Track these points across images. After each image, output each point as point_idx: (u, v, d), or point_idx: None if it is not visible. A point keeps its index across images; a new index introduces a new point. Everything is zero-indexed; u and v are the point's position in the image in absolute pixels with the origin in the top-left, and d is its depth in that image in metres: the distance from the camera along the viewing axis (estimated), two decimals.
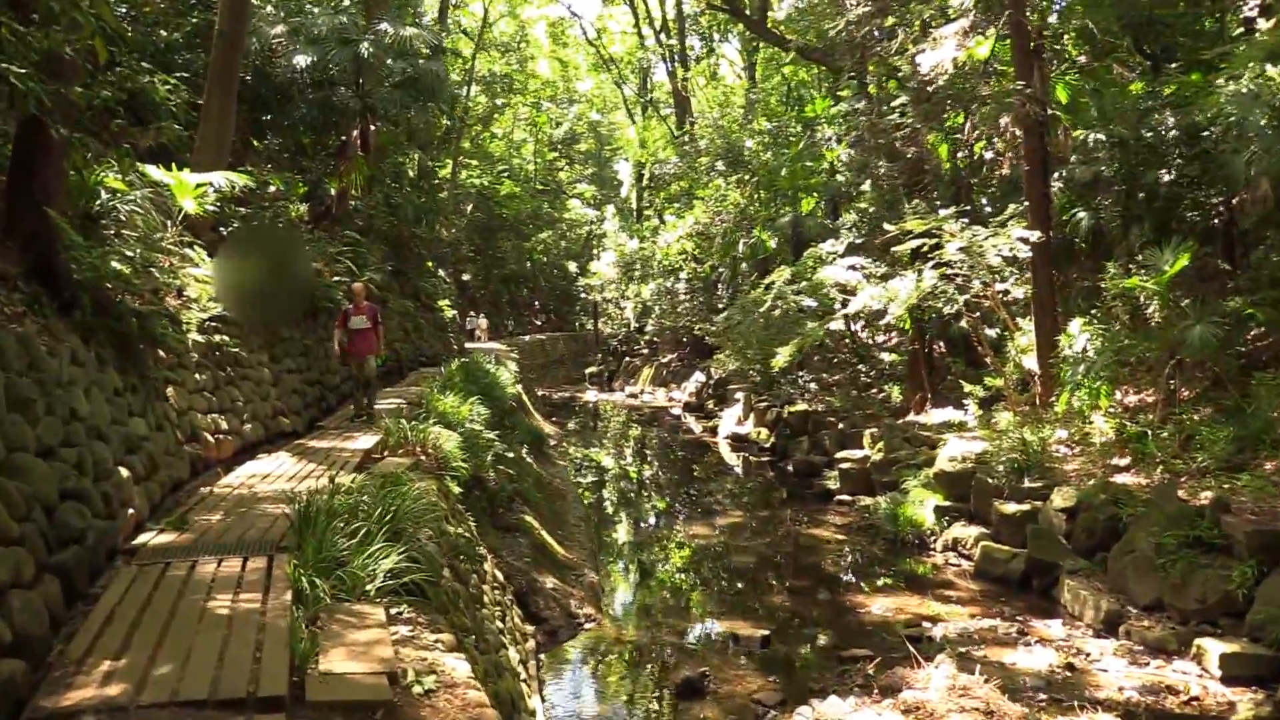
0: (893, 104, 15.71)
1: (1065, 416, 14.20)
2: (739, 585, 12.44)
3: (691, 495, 18.79)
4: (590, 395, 38.97)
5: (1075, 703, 8.17)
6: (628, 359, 48.48)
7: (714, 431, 26.02)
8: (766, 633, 10.04)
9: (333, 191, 15.54)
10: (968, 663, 8.96)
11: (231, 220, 11.16)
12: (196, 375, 8.44)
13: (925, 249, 14.93)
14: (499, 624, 7.79)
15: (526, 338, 50.04)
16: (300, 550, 5.08)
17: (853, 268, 15.37)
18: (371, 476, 7.34)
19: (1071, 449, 13.92)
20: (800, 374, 23.39)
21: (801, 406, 22.04)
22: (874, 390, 21.85)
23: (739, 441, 24.06)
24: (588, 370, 50.12)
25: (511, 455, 12.96)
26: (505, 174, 50.84)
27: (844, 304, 15.65)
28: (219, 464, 8.47)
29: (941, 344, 20.77)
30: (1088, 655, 9.40)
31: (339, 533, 5.16)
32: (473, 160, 47.53)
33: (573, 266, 63.61)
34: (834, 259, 15.78)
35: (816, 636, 10.33)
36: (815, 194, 26.52)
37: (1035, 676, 8.88)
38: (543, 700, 8.03)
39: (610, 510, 17.08)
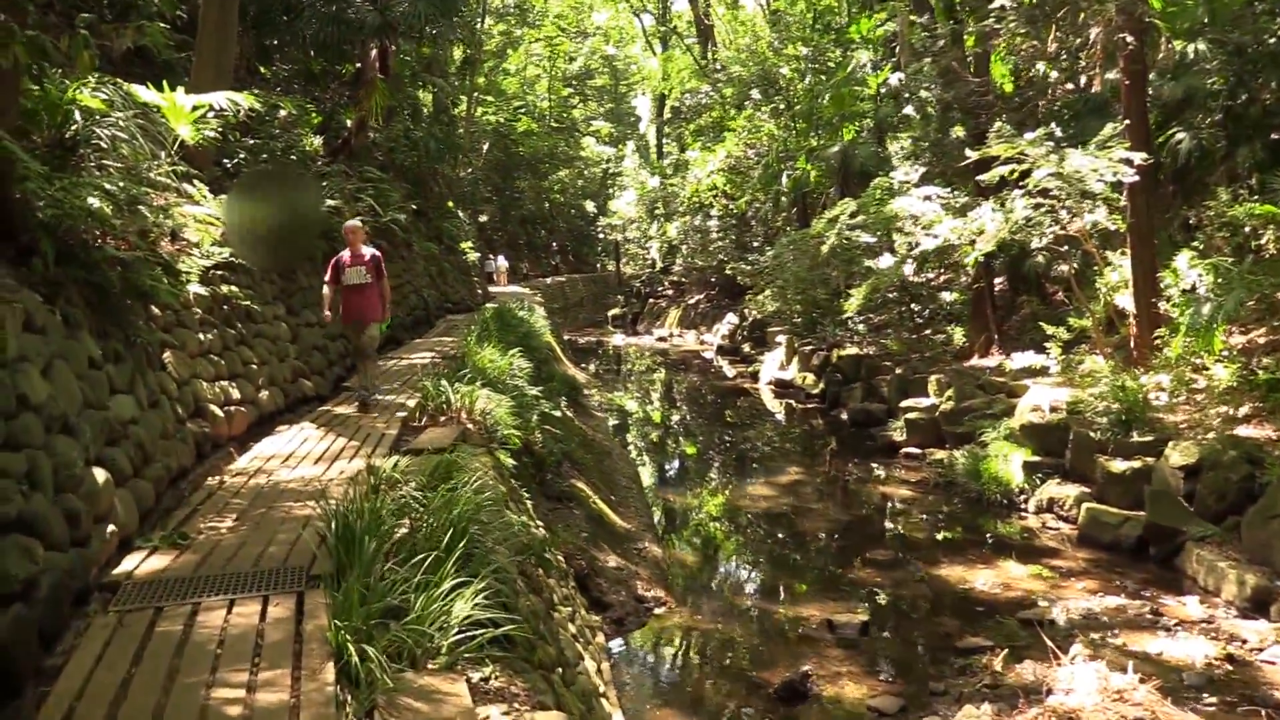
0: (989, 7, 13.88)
1: (1168, 361, 12.73)
2: (815, 556, 11.15)
3: (741, 448, 17.48)
4: (617, 339, 37.62)
5: (1256, 708, 6.86)
6: (652, 301, 47.02)
7: (754, 377, 24.63)
8: (864, 619, 8.74)
9: (349, 123, 14.03)
10: (1109, 653, 7.70)
11: (237, 152, 9.71)
12: (200, 335, 7.09)
13: (1014, 175, 13.36)
14: (571, 627, 6.49)
15: (547, 280, 48.65)
16: (339, 584, 3.72)
17: (929, 198, 13.80)
18: (417, 458, 5.99)
19: (1176, 397, 12.48)
20: (850, 315, 21.87)
21: (852, 350, 20.62)
22: (931, 332, 20.36)
23: (783, 388, 22.69)
24: (610, 313, 48.69)
25: (558, 414, 11.61)
26: (522, 110, 48.92)
27: (911, 239, 14.10)
28: (231, 442, 7.16)
29: (1003, 281, 19.25)
30: (1245, 643, 8.07)
31: (389, 555, 3.80)
32: (488, 97, 45.63)
33: (590, 206, 61.90)
34: (907, 188, 14.22)
35: (920, 621, 9.05)
36: (859, 121, 24.80)
37: (1193, 672, 7.56)
38: (624, 715, 6.75)
39: (659, 468, 15.79)
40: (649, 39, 53.26)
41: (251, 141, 10.33)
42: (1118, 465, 11.27)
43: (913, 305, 21.93)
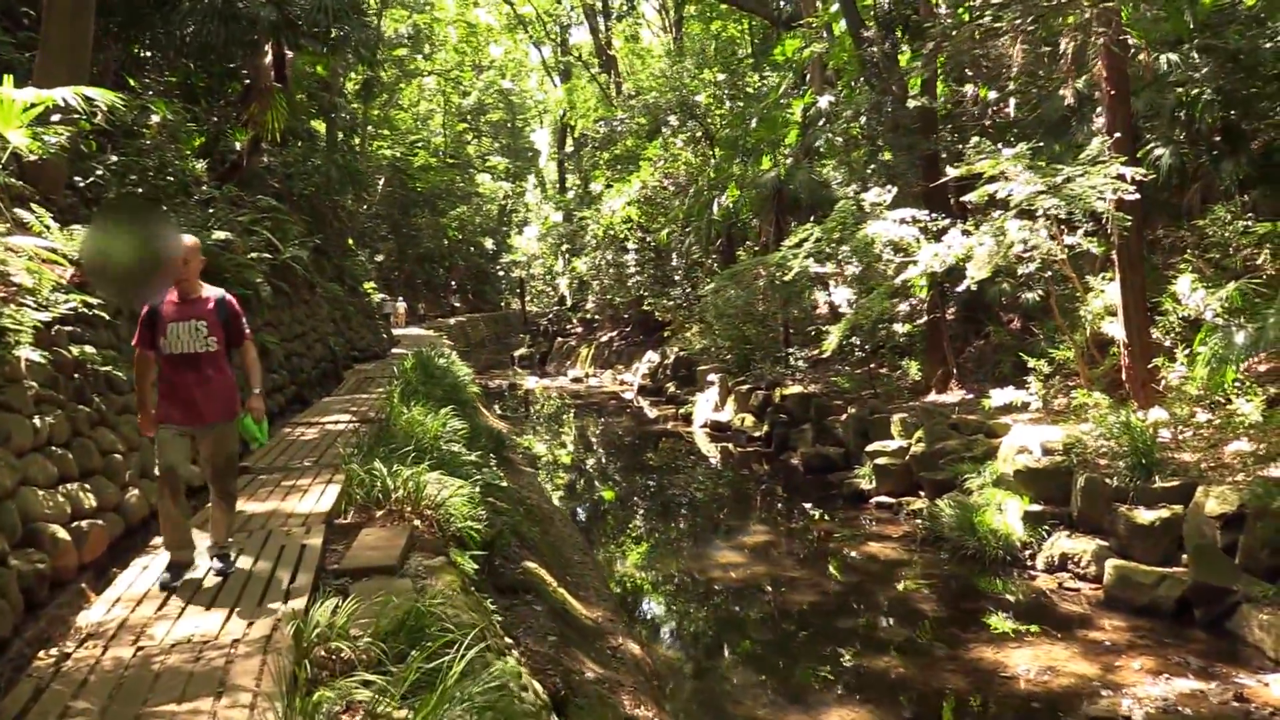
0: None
1: (1182, 395, 11.60)
2: (818, 642, 9.49)
3: (690, 502, 15.82)
4: (529, 381, 35.63)
5: None
6: (560, 339, 45.34)
7: (686, 419, 23.05)
8: None
9: (239, 145, 11.97)
10: None
11: (94, 169, 7.65)
12: (35, 421, 5.05)
13: (983, 197, 12.15)
14: None
15: (450, 320, 46.63)
16: None
17: (905, 221, 12.46)
18: (359, 586, 4.11)
19: (1183, 435, 11.34)
20: (791, 350, 20.55)
21: (795, 389, 19.21)
22: (877, 366, 19.12)
23: (719, 430, 21.17)
24: (516, 353, 46.83)
25: (504, 485, 9.74)
26: (419, 145, 46.80)
27: (887, 267, 12.73)
28: (84, 574, 5.07)
29: (953, 311, 18.16)
30: None
31: None
32: (383, 130, 43.46)
33: (489, 243, 60.07)
34: (880, 211, 12.87)
35: None
36: (781, 147, 23.64)
37: None
38: None
39: (607, 533, 13.95)
40: (549, 70, 51.82)
41: (114, 158, 8.27)
42: (1143, 515, 9.96)
43: (853, 339, 20.70)
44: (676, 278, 28.65)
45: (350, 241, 20.81)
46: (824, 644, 9.39)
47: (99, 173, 7.73)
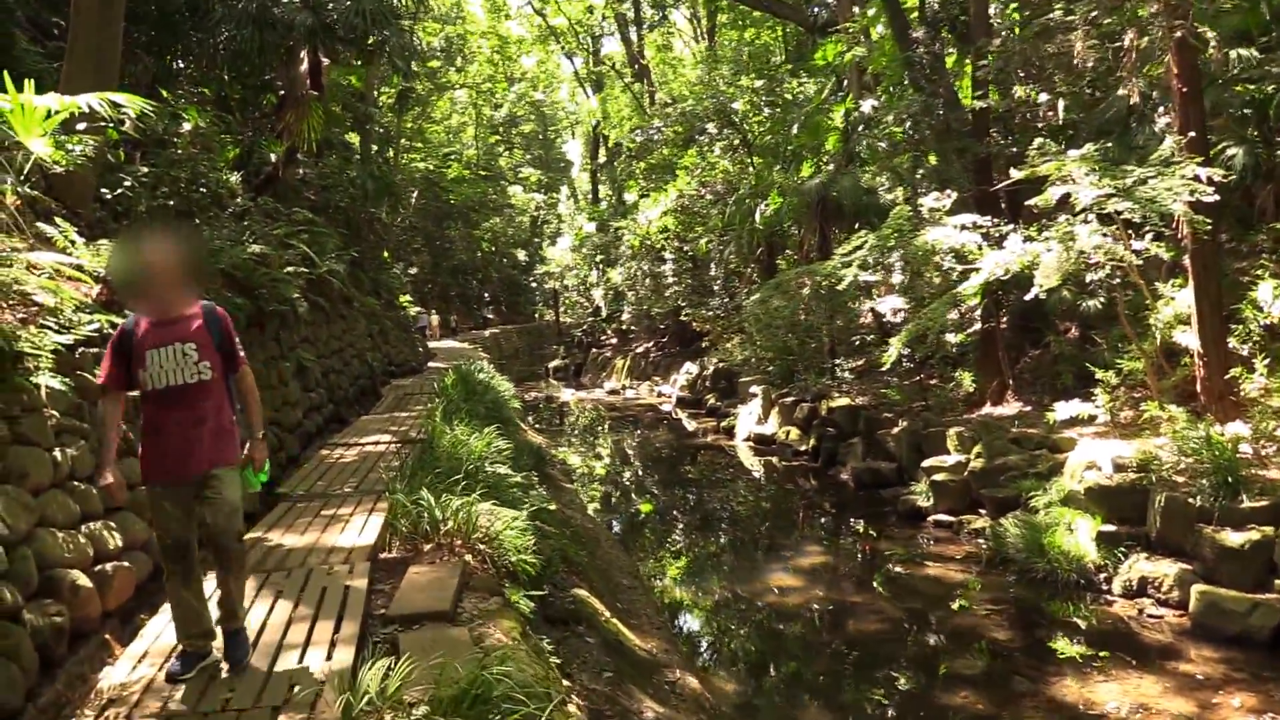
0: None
1: (1254, 408, 10.93)
2: (889, 674, 8.94)
3: (738, 519, 15.29)
4: (565, 394, 35.22)
5: None
6: (595, 351, 44.93)
7: (728, 433, 22.50)
8: None
9: (273, 157, 11.63)
10: None
11: (121, 180, 7.28)
12: (57, 454, 4.64)
13: (1049, 202, 11.54)
14: None
15: (486, 333, 46.42)
16: None
17: (966, 227, 11.89)
18: (410, 639, 3.65)
19: (1267, 450, 10.66)
20: (837, 361, 19.97)
21: (843, 401, 18.61)
22: (926, 378, 18.47)
23: (763, 444, 20.60)
24: (551, 364, 46.51)
25: (552, 507, 9.28)
26: (452, 157, 46.65)
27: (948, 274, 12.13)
28: (108, 623, 4.62)
29: (1004, 320, 17.50)
30: None
31: None
32: (416, 143, 43.35)
33: (522, 255, 59.89)
34: (939, 217, 12.30)
35: None
36: (823, 154, 23.11)
37: None
38: None
39: (655, 554, 13.44)
40: (581, 81, 51.55)
41: (144, 169, 7.90)
42: (1231, 537, 9.31)
43: (902, 350, 20.08)
44: (715, 288, 28.13)
45: (385, 254, 20.49)
46: (892, 677, 8.83)
47: (128, 184, 7.37)
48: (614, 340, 43.83)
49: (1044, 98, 18.06)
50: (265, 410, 9.13)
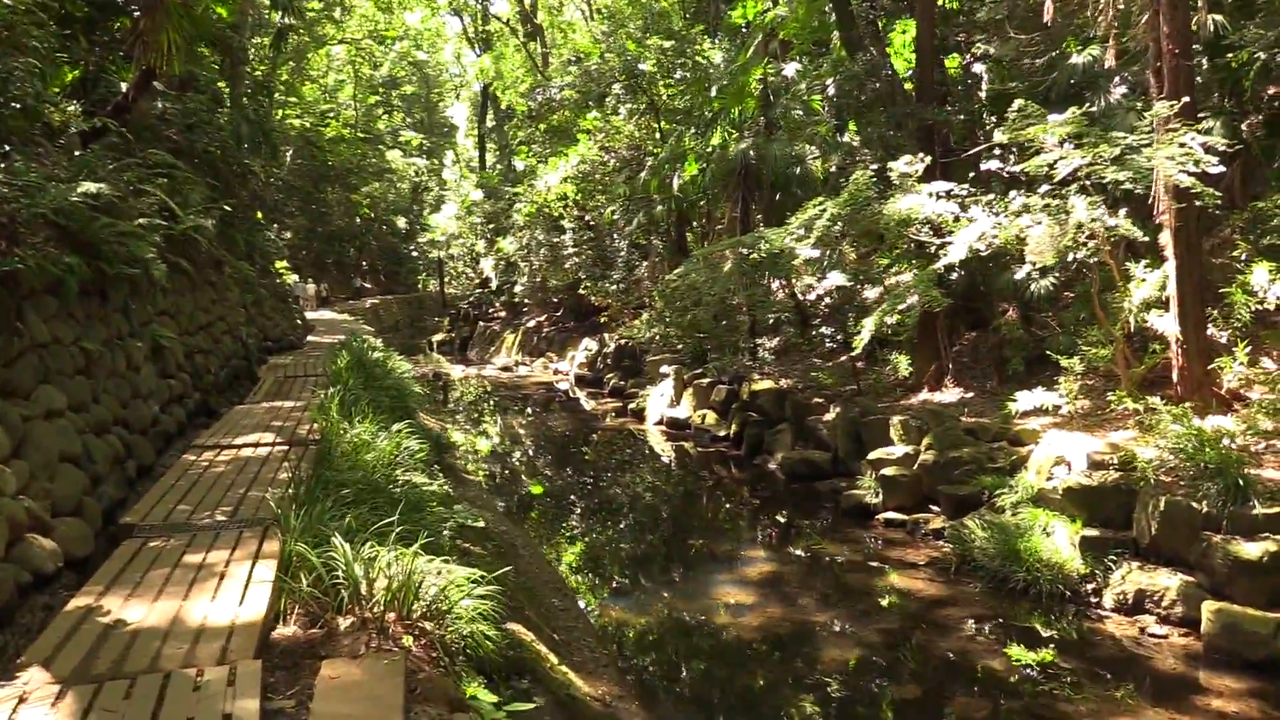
0: None
1: (1244, 401, 10.07)
2: (873, 715, 7.61)
3: (668, 518, 13.86)
4: (455, 370, 33.14)
5: None
6: (483, 324, 42.88)
7: (637, 416, 21.05)
8: None
9: (124, 87, 9.44)
10: None
11: None
12: None
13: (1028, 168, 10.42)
14: None
15: (366, 303, 43.80)
16: None
17: (941, 196, 10.59)
18: None
19: (1258, 447, 9.81)
20: (759, 341, 18.71)
21: (767, 384, 17.36)
22: (857, 360, 17.36)
23: (677, 429, 19.24)
24: (435, 338, 44.26)
25: (480, 524, 7.60)
26: (330, 116, 43.57)
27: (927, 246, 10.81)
28: None
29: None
30: None
31: None
32: (290, 99, 40.17)
33: (402, 222, 57.06)
34: (911, 183, 10.94)
35: None
36: (732, 118, 21.73)
37: None
38: None
39: (579, 561, 11.84)
40: (470, 40, 48.96)
41: None
42: (1246, 549, 8.33)
43: (823, 329, 18.99)
44: (620, 259, 26.55)
45: (259, 215, 18.17)
46: (878, 717, 7.52)
47: None
48: (503, 314, 41.86)
49: (978, 68, 17.09)
50: (109, 406, 7.11)
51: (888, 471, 12.57)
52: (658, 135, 25.32)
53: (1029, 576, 9.59)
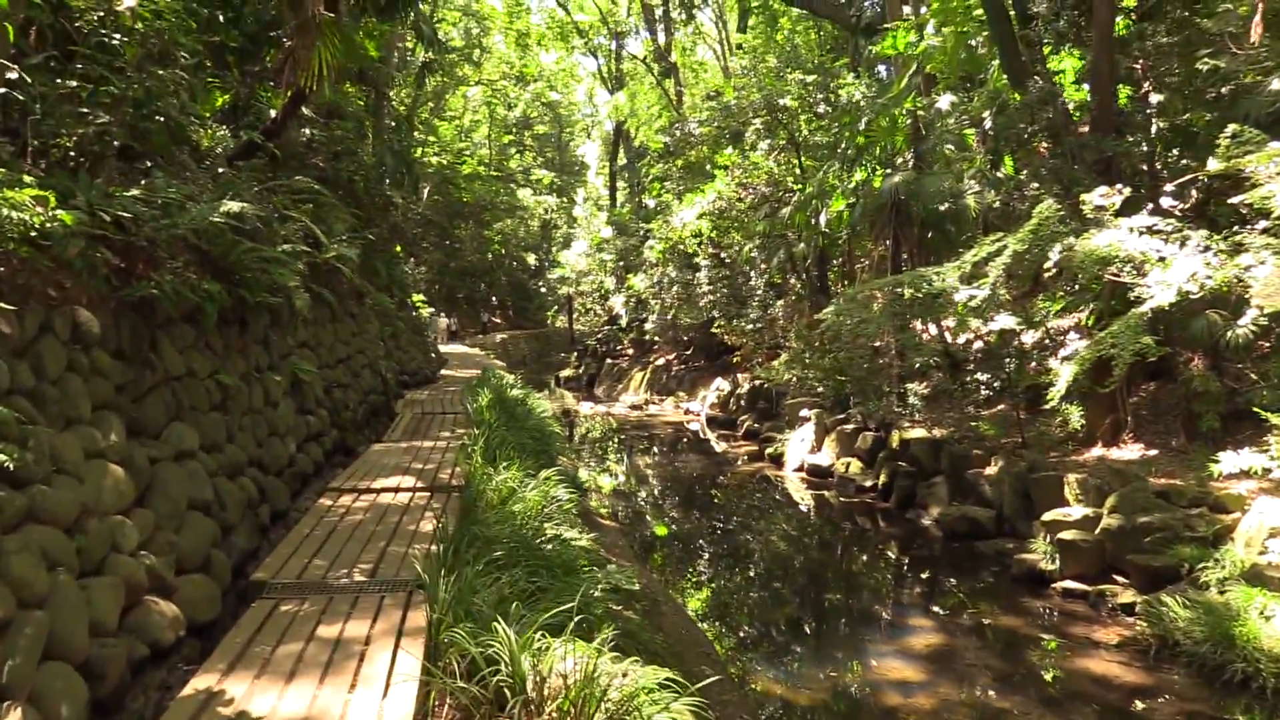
0: None
1: None
2: None
3: (819, 576, 12.89)
4: (581, 407, 32.80)
5: None
6: (610, 361, 42.55)
7: (775, 461, 20.09)
8: None
9: (272, 114, 9.24)
10: None
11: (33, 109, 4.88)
12: None
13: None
14: None
15: (497, 338, 44.14)
16: None
17: (1144, 231, 9.48)
18: None
19: None
20: (911, 386, 17.61)
21: (918, 432, 16.23)
22: (1015, 409, 16.07)
23: (818, 476, 18.22)
24: (562, 374, 44.19)
25: (635, 586, 6.89)
26: (466, 154, 44.34)
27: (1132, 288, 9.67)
28: None
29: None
30: None
31: None
32: (429, 137, 41.03)
33: (531, 259, 57.70)
34: (1109, 215, 9.89)
35: None
36: (879, 153, 20.76)
37: None
38: None
39: (728, 623, 10.99)
40: (603, 79, 49.26)
41: (74, 86, 5.48)
42: None
43: (977, 375, 17.69)
44: (756, 298, 25.75)
45: (398, 248, 18.14)
46: None
47: (12, 76, 4.95)
48: (631, 351, 41.47)
49: (1156, 99, 15.75)
50: (244, 446, 6.68)
51: (1065, 535, 11.34)
52: (798, 171, 24.55)
53: (1248, 668, 8.31)
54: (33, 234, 4.54)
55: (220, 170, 7.29)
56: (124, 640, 4.36)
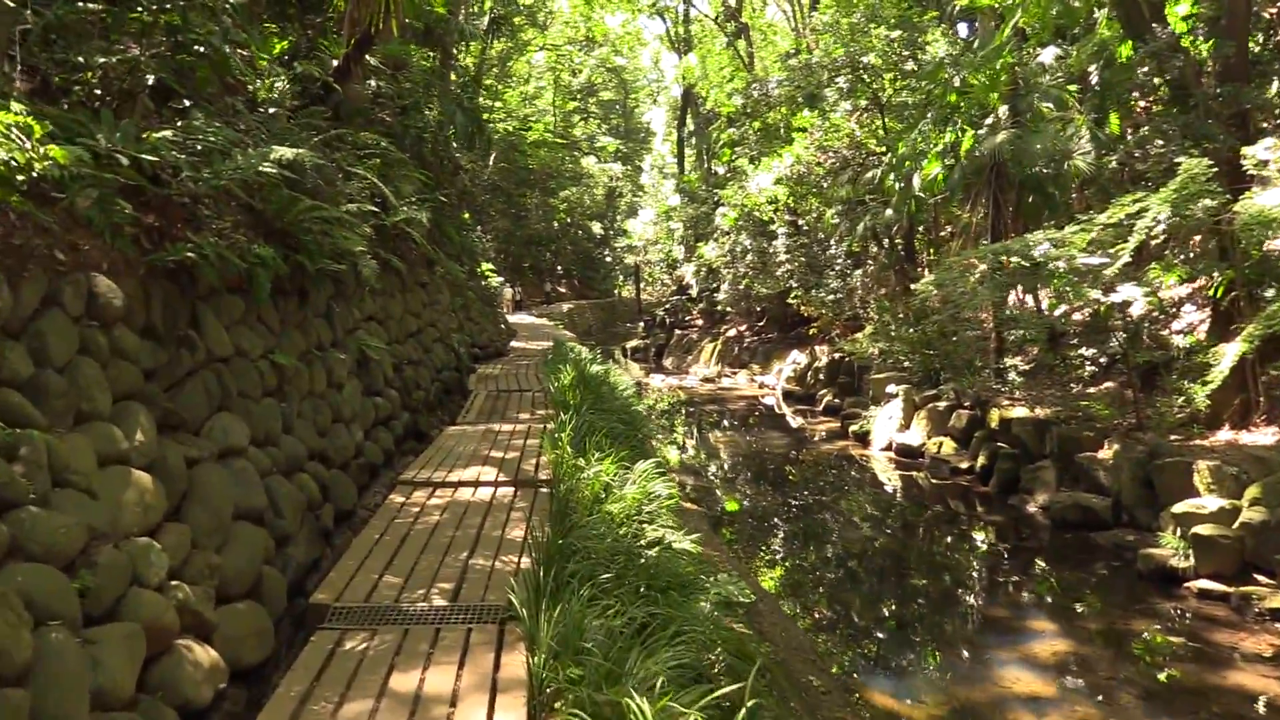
0: None
1: None
2: None
3: (923, 570, 11.95)
4: (652, 380, 32.04)
5: None
6: (679, 332, 41.72)
7: (860, 439, 19.10)
8: None
9: (335, 64, 8.48)
10: None
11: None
12: None
13: None
14: None
15: (563, 306, 43.53)
16: None
17: None
18: None
19: None
20: (1004, 362, 16.49)
21: (1020, 411, 15.14)
22: (1126, 387, 14.86)
23: (908, 456, 17.22)
24: (629, 345, 43.47)
25: (747, 598, 6.07)
26: (532, 120, 43.59)
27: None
28: None
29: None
30: None
31: None
32: (495, 104, 40.31)
33: (596, 227, 56.90)
34: (1275, 173, 8.76)
35: None
36: (969, 113, 19.46)
37: None
38: None
39: (834, 629, 10.12)
40: (672, 42, 47.99)
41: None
42: None
43: (1082, 350, 16.47)
44: (835, 268, 24.65)
45: (466, 215, 17.39)
46: None
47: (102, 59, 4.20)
48: (700, 321, 40.56)
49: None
50: (304, 436, 5.93)
51: (1201, 530, 10.26)
52: (881, 133, 23.31)
53: None
54: (19, 178, 3.72)
55: (275, 117, 6.52)
56: (145, 705, 3.61)
